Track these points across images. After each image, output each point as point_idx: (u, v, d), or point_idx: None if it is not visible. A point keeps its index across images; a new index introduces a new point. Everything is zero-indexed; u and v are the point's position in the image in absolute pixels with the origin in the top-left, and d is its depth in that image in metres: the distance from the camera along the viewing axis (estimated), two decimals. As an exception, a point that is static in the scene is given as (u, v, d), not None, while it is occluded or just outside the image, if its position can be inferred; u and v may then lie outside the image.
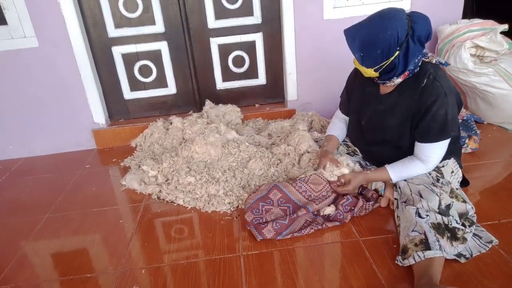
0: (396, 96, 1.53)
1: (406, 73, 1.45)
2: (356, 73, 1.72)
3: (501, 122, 2.31)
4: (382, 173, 1.58)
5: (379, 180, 1.63)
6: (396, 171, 1.55)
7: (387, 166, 1.57)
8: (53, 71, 2.39)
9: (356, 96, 1.73)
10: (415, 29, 1.35)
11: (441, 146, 1.47)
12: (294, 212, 1.56)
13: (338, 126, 1.86)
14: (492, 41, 2.20)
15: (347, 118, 1.85)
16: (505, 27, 2.24)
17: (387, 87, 1.55)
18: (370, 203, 1.62)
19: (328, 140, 1.81)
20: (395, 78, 1.46)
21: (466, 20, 2.40)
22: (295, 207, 1.59)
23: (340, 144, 1.85)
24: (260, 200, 1.60)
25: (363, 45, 1.38)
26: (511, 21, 2.31)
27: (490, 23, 2.32)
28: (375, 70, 1.43)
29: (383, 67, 1.41)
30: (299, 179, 1.64)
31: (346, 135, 1.88)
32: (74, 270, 1.46)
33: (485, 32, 2.26)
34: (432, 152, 1.48)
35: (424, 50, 1.47)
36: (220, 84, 2.70)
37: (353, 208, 1.59)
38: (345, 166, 1.63)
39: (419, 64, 1.46)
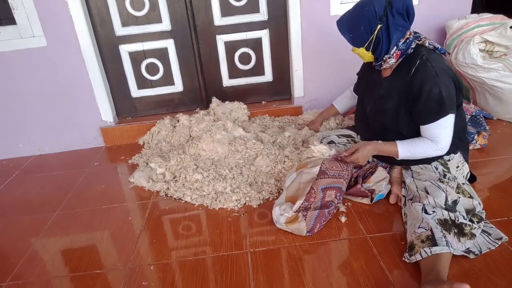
0: (393, 78, 1.59)
1: (398, 52, 1.52)
2: (366, 62, 1.79)
3: (511, 117, 2.28)
4: (391, 146, 1.58)
5: (387, 153, 1.61)
6: (405, 146, 1.55)
7: (397, 141, 1.58)
8: (61, 70, 2.42)
9: (363, 84, 1.82)
10: (393, 3, 1.44)
11: (445, 125, 1.47)
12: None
13: (345, 97, 2.11)
14: (501, 36, 2.17)
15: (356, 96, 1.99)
16: (515, 21, 2.21)
17: (386, 71, 1.62)
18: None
19: (327, 109, 2.21)
20: (387, 58, 1.53)
21: (475, 15, 2.37)
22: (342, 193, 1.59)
23: (347, 138, 1.88)
24: (322, 209, 1.52)
25: (349, 26, 1.53)
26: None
27: (499, 18, 2.29)
28: (366, 49, 1.54)
29: (371, 44, 1.51)
30: (324, 169, 1.59)
31: (355, 127, 1.93)
32: (84, 266, 1.48)
33: (495, 27, 2.23)
34: (438, 132, 1.48)
35: (418, 34, 1.54)
36: (227, 81, 2.71)
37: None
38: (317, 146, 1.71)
39: (412, 45, 1.52)
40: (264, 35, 2.57)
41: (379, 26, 1.46)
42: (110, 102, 2.58)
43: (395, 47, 1.50)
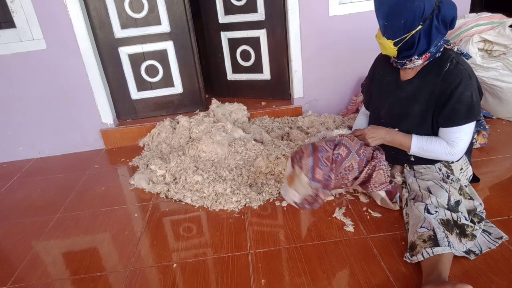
0: (418, 81, 1.51)
1: (428, 55, 1.43)
2: (376, 65, 1.72)
3: (510, 116, 2.28)
4: (405, 138, 1.54)
5: (399, 143, 1.56)
6: (420, 141, 1.51)
7: (414, 135, 1.53)
8: (61, 72, 2.42)
9: (375, 87, 1.71)
10: (442, 9, 1.33)
11: (467, 131, 1.44)
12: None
13: (364, 120, 1.85)
14: (500, 35, 2.18)
15: None
16: (514, 20, 2.21)
17: (408, 73, 1.53)
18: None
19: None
20: (415, 58, 1.44)
21: (474, 14, 2.37)
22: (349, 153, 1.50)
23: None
24: (314, 153, 1.45)
25: (389, 12, 1.36)
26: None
27: (498, 17, 2.29)
28: (395, 44, 1.40)
29: (403, 42, 1.39)
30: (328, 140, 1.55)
31: None
32: (85, 269, 1.48)
33: (494, 26, 2.23)
34: (458, 138, 1.44)
35: (446, 38, 1.46)
36: (231, 75, 2.83)
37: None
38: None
39: (441, 49, 1.45)
40: (262, 34, 2.59)
41: (419, 26, 1.35)
42: (110, 104, 2.59)
43: None
